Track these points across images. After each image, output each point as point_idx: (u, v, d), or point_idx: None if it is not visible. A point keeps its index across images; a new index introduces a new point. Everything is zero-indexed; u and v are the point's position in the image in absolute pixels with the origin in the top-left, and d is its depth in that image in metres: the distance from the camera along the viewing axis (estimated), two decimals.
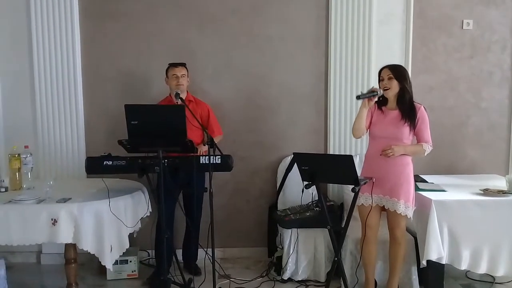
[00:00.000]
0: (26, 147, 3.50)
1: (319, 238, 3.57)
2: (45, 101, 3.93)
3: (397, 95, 3.07)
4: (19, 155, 3.40)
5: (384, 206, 3.11)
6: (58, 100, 3.94)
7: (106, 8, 3.95)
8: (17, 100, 3.97)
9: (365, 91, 3.07)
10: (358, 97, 3.05)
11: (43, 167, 3.96)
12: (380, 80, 3.10)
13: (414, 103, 3.08)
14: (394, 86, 3.04)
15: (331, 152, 4.09)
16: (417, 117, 3.05)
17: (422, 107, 3.10)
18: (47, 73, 3.91)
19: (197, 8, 3.99)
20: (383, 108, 3.14)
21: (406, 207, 3.04)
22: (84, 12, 3.93)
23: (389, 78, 3.04)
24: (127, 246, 3.24)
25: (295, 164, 3.19)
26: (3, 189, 3.33)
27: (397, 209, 3.03)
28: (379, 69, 3.15)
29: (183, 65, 3.63)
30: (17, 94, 3.97)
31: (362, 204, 3.12)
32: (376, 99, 3.05)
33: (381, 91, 3.02)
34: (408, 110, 3.04)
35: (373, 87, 3.09)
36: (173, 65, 3.61)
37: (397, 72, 3.05)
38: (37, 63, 3.90)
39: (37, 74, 3.90)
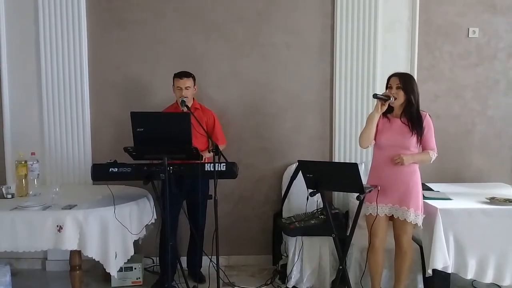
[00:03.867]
0: (32, 154, 3.52)
1: (324, 246, 3.56)
2: (52, 108, 3.96)
3: (403, 104, 3.07)
4: (25, 161, 3.42)
5: (392, 215, 3.10)
6: (65, 107, 3.96)
7: (113, 16, 3.98)
8: (24, 107, 4.00)
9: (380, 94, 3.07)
10: (374, 96, 3.04)
11: (49, 173, 3.98)
12: (388, 87, 3.09)
13: (420, 111, 3.08)
14: (401, 96, 3.04)
15: (336, 159, 4.08)
16: (423, 125, 3.05)
17: (427, 114, 3.10)
18: (54, 80, 3.94)
19: (202, 16, 4.01)
20: (389, 116, 3.14)
21: (415, 216, 3.03)
22: (91, 20, 3.96)
23: (397, 88, 3.04)
24: (132, 253, 3.25)
25: (300, 171, 3.19)
26: (9, 196, 3.35)
27: (407, 218, 3.02)
28: (387, 76, 3.15)
29: (188, 76, 3.60)
30: (25, 101, 4.00)
31: (371, 214, 3.10)
32: (387, 105, 3.04)
33: (393, 98, 3.02)
34: (415, 122, 3.03)
35: (387, 91, 3.09)
36: (177, 76, 3.59)
37: (405, 82, 3.04)
38: (44, 71, 3.93)
39: (45, 81, 3.93)
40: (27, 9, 3.92)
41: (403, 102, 3.06)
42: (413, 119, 3.04)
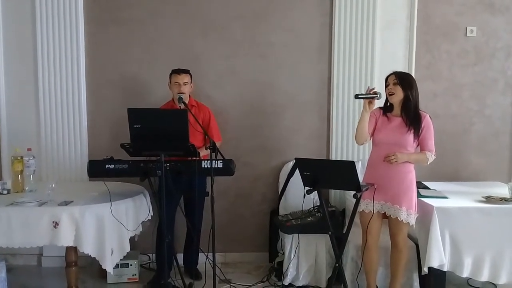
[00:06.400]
0: (29, 149, 3.51)
1: (321, 243, 3.56)
2: (48, 105, 3.95)
3: (401, 102, 3.07)
4: (21, 157, 3.42)
5: (385, 213, 3.10)
6: (62, 103, 3.96)
7: (110, 14, 3.97)
8: (21, 103, 3.99)
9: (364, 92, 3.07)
10: (356, 96, 3.04)
11: (46, 169, 3.98)
12: (386, 86, 3.10)
13: (420, 111, 3.07)
14: (399, 92, 3.03)
15: (333, 157, 4.09)
16: (422, 125, 3.04)
17: (428, 115, 3.09)
18: (51, 77, 3.94)
19: (200, 15, 4.01)
20: (389, 114, 3.13)
21: (408, 215, 3.03)
22: (88, 18, 3.96)
23: (394, 84, 3.04)
24: (128, 249, 3.24)
25: (297, 169, 3.18)
26: (5, 192, 3.35)
27: (399, 216, 3.02)
28: (384, 76, 3.15)
29: (186, 72, 3.62)
30: (22, 97, 3.99)
31: (363, 210, 3.11)
32: (375, 103, 3.04)
33: (381, 94, 3.01)
34: (412, 118, 3.03)
35: (369, 87, 3.06)
36: (176, 72, 3.61)
37: (402, 78, 3.05)
38: (41, 68, 3.92)
39: (42, 78, 3.93)
40: (24, 7, 3.91)
41: (402, 99, 3.05)
42: (410, 114, 3.03)
